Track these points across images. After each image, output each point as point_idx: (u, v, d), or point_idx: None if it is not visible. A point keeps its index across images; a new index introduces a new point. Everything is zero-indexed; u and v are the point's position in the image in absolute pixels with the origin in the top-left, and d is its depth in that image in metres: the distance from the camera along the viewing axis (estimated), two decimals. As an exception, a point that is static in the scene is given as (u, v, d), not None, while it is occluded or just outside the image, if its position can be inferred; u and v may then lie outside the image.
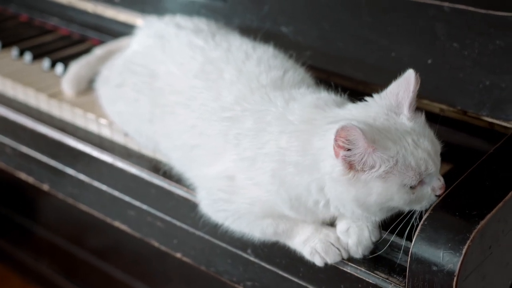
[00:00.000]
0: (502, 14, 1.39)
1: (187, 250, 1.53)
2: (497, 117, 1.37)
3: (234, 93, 1.35)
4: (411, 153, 1.15)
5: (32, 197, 2.61)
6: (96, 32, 2.10)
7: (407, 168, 1.15)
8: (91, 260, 2.53)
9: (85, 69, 1.83)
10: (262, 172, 1.25)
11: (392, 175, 1.14)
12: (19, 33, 2.20)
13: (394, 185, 1.15)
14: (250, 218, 1.31)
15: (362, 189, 1.15)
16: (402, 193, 1.16)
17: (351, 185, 1.15)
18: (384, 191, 1.15)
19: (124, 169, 1.58)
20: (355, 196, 1.16)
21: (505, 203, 1.16)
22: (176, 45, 1.53)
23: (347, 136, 1.10)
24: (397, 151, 1.14)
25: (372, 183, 1.14)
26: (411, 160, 1.15)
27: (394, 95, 1.21)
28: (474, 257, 1.12)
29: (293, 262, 1.33)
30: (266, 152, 1.25)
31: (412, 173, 1.15)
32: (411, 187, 1.16)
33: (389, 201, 1.16)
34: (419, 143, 1.17)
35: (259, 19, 1.72)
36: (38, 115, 1.80)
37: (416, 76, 1.20)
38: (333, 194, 1.19)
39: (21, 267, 2.84)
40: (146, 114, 1.50)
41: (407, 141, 1.16)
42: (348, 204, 1.18)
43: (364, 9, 1.56)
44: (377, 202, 1.16)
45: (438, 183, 1.19)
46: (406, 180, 1.15)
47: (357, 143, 1.11)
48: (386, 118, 1.19)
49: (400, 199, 1.16)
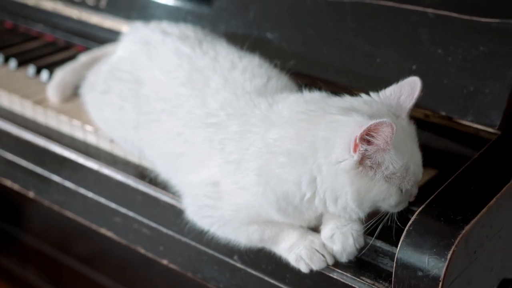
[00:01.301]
0: (486, 20, 1.40)
1: (174, 256, 1.53)
2: (481, 122, 1.38)
3: (220, 100, 1.36)
4: (411, 159, 1.21)
5: (18, 204, 2.59)
6: (81, 38, 2.09)
7: (407, 173, 1.20)
8: (78, 267, 2.52)
9: (70, 76, 1.82)
10: (247, 173, 1.26)
11: (395, 177, 1.19)
12: (3, 39, 2.19)
13: (394, 187, 1.20)
14: (236, 224, 1.31)
15: (366, 184, 1.18)
16: (398, 195, 1.21)
17: (358, 178, 1.17)
18: (385, 190, 1.19)
19: (110, 176, 1.58)
20: (358, 189, 1.18)
21: (489, 208, 1.17)
22: (162, 51, 1.53)
23: (378, 131, 1.13)
24: (402, 156, 1.19)
25: (376, 180, 1.18)
26: (411, 166, 1.20)
27: (396, 98, 1.26)
28: (459, 262, 1.13)
29: (279, 268, 1.33)
30: (251, 152, 1.26)
31: (410, 178, 1.21)
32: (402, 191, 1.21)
33: (385, 200, 1.20)
34: (415, 151, 1.23)
35: (244, 25, 1.72)
36: (23, 122, 1.79)
37: (421, 83, 1.25)
38: (329, 186, 1.20)
39: (8, 275, 2.83)
40: (131, 121, 1.49)
41: (408, 146, 1.21)
42: (344, 197, 1.19)
43: (348, 15, 1.56)
44: (375, 199, 1.20)
45: (415, 190, 1.25)
46: (404, 184, 1.21)
47: (382, 140, 1.14)
48: (384, 113, 1.23)
49: (393, 201, 1.21)
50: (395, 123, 1.14)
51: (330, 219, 1.26)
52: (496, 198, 1.19)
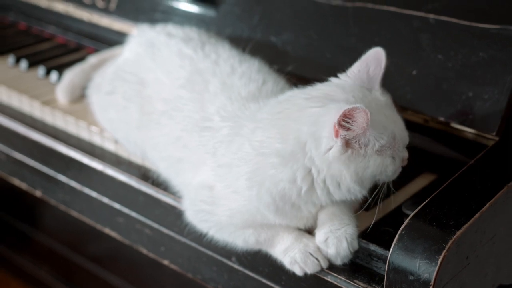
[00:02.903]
0: (485, 26, 1.41)
1: (174, 257, 1.54)
2: (479, 128, 1.38)
3: (216, 105, 1.37)
4: (396, 127, 1.24)
5: (32, 204, 2.63)
6: (91, 40, 2.12)
7: (395, 141, 1.23)
8: (89, 266, 2.55)
9: (79, 77, 1.84)
10: (238, 177, 1.27)
11: (385, 148, 1.22)
12: (16, 41, 2.22)
13: (388, 158, 1.23)
14: (232, 228, 1.32)
15: (361, 163, 1.20)
16: (393, 164, 1.24)
17: (351, 161, 1.20)
18: (380, 164, 1.22)
19: (114, 177, 1.60)
20: (355, 170, 1.20)
21: (482, 214, 1.17)
22: (166, 53, 1.55)
23: (354, 117, 1.15)
24: (385, 128, 1.21)
25: (369, 157, 1.20)
26: (396, 133, 1.23)
27: (365, 73, 1.28)
28: (450, 267, 1.13)
29: (276, 270, 1.34)
30: (240, 157, 1.27)
31: (399, 144, 1.24)
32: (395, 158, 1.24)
33: (382, 173, 1.23)
34: (396, 117, 1.26)
35: (249, 29, 1.73)
36: (31, 122, 1.82)
37: (385, 53, 1.27)
38: (327, 174, 1.22)
39: (21, 272, 2.86)
40: (134, 122, 1.51)
41: (388, 116, 1.24)
42: (344, 181, 1.22)
43: (351, 19, 1.57)
44: (373, 174, 1.22)
45: (406, 154, 1.28)
46: (395, 152, 1.24)
47: (360, 124, 1.16)
48: (363, 94, 1.25)
49: (390, 171, 1.24)
50: (370, 100, 1.21)
51: (325, 223, 1.27)
52: (490, 204, 1.19)
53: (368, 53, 1.29)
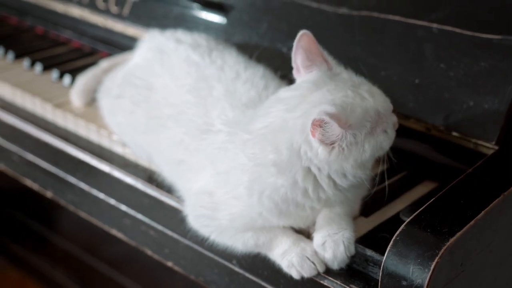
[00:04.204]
0: (487, 36, 1.42)
1: (178, 259, 1.57)
2: (479, 137, 1.39)
3: (218, 110, 1.40)
4: (376, 101, 1.25)
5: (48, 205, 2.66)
6: (105, 45, 2.16)
7: (379, 116, 1.25)
8: (103, 269, 2.58)
9: (92, 81, 1.88)
10: (237, 185, 1.29)
11: (374, 128, 1.24)
12: (33, 45, 2.27)
13: (380, 135, 1.25)
14: (232, 232, 1.34)
15: (357, 151, 1.23)
16: (386, 138, 1.27)
17: (347, 152, 1.22)
18: (374, 143, 1.25)
19: (120, 179, 1.63)
20: (354, 159, 1.23)
21: (477, 221, 1.18)
22: (174, 59, 1.58)
23: (323, 126, 1.18)
24: (366, 110, 1.23)
25: (363, 142, 1.23)
26: (378, 107, 1.25)
27: (309, 60, 1.30)
28: (443, 273, 1.14)
29: (275, 273, 1.35)
30: (237, 166, 1.29)
31: (385, 118, 1.26)
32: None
33: (379, 150, 1.27)
34: (372, 90, 1.28)
35: (258, 36, 1.76)
36: (44, 124, 1.86)
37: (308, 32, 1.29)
38: (331, 170, 1.24)
39: (38, 274, 2.90)
40: (141, 126, 1.54)
41: (364, 95, 1.25)
42: (348, 171, 1.25)
43: (356, 28, 1.59)
44: (372, 154, 1.25)
45: (394, 118, 1.30)
46: (384, 125, 1.26)
47: (333, 130, 1.19)
48: (335, 84, 1.27)
49: (386, 144, 1.28)
50: (342, 86, 1.24)
51: (323, 227, 1.29)
52: (485, 212, 1.19)
53: (296, 41, 1.31)
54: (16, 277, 2.97)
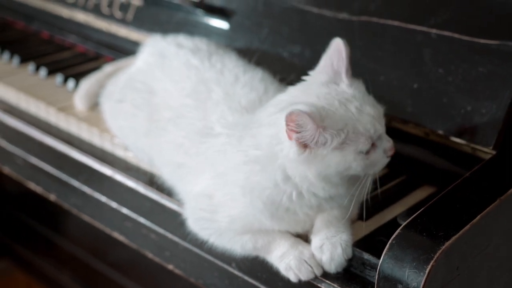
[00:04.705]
0: (486, 41, 1.43)
1: (178, 262, 1.58)
2: (477, 142, 1.39)
3: (217, 114, 1.41)
4: (358, 120, 1.22)
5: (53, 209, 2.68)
6: (110, 50, 2.17)
7: (357, 135, 1.21)
8: (110, 273, 2.59)
9: (95, 86, 1.89)
10: (233, 186, 1.31)
11: (346, 145, 1.21)
12: (38, 49, 2.29)
13: (350, 154, 1.21)
14: (231, 235, 1.36)
15: (321, 163, 1.21)
16: (359, 160, 1.22)
17: (310, 161, 1.21)
18: (342, 161, 1.21)
19: (122, 182, 1.64)
20: (316, 171, 1.22)
21: (473, 225, 1.19)
22: (175, 63, 1.59)
23: (296, 121, 1.17)
24: (345, 123, 1.21)
25: (329, 155, 1.21)
26: (359, 127, 1.21)
27: (329, 66, 1.29)
28: (439, 277, 1.15)
29: (273, 277, 1.36)
30: (232, 166, 1.31)
31: (364, 138, 1.22)
32: (365, 153, 1.22)
33: (348, 170, 1.22)
34: (363, 109, 1.23)
35: (259, 41, 1.77)
36: (47, 128, 1.87)
37: (344, 43, 1.27)
38: (298, 176, 1.24)
39: (45, 277, 2.92)
40: (143, 129, 1.56)
41: (351, 110, 1.22)
42: (314, 181, 1.24)
43: (356, 33, 1.60)
44: (337, 171, 1.22)
45: (388, 144, 1.26)
46: (360, 147, 1.22)
47: (306, 126, 1.17)
48: (328, 91, 1.25)
49: (357, 166, 1.22)
50: (334, 96, 1.23)
51: (321, 230, 1.30)
52: (481, 216, 1.20)
53: (330, 46, 1.30)
54: (22, 280, 2.99)
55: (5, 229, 3.04)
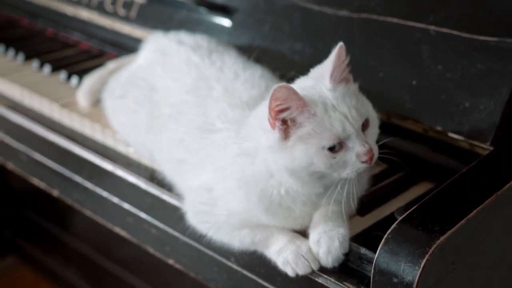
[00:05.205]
0: (484, 38, 1.43)
1: (178, 257, 1.59)
2: (474, 138, 1.40)
3: (217, 110, 1.42)
4: (328, 116, 1.21)
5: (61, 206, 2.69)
6: (113, 47, 2.19)
7: (322, 129, 1.21)
8: (116, 270, 2.61)
9: (98, 82, 1.91)
10: (231, 179, 1.32)
11: (310, 137, 1.21)
12: (43, 47, 2.31)
13: (313, 148, 1.21)
14: (229, 228, 1.37)
15: (288, 156, 1.22)
16: (322, 156, 1.21)
17: (280, 152, 1.23)
18: (305, 154, 1.21)
19: (123, 177, 1.66)
20: (284, 164, 1.23)
21: (469, 220, 1.19)
22: (175, 60, 1.61)
23: (282, 95, 1.18)
24: (315, 112, 1.21)
25: (294, 148, 1.22)
26: (326, 122, 1.21)
27: (324, 67, 1.29)
28: (434, 271, 1.15)
29: (271, 271, 1.37)
30: (231, 159, 1.33)
31: (328, 134, 1.21)
32: (332, 151, 1.22)
33: (311, 165, 1.22)
34: (336, 108, 1.23)
35: (260, 38, 1.78)
36: (50, 124, 1.89)
37: (340, 48, 1.26)
38: (276, 170, 1.26)
39: (51, 274, 2.94)
40: (144, 125, 1.57)
41: (325, 107, 1.22)
42: (285, 176, 1.25)
43: (356, 30, 1.61)
44: (301, 166, 1.22)
45: (362, 148, 1.22)
46: (323, 142, 1.21)
47: (291, 97, 1.19)
48: (313, 87, 1.26)
49: (320, 162, 1.21)
50: (314, 94, 1.23)
51: (319, 224, 1.31)
52: (477, 211, 1.21)
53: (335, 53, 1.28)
54: (29, 276, 3.02)
55: (12, 227, 3.07)
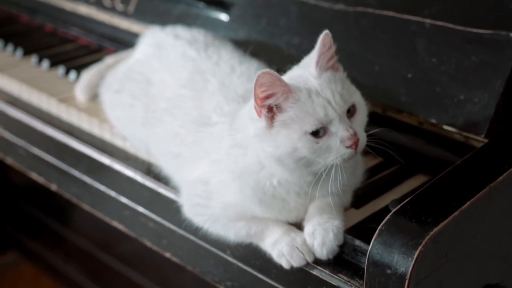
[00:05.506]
0: (478, 31, 1.43)
1: (175, 250, 1.60)
2: (469, 130, 1.40)
3: (213, 103, 1.43)
4: (311, 101, 1.22)
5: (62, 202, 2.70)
6: (112, 42, 2.20)
7: (305, 114, 1.22)
8: (116, 265, 2.62)
9: (96, 77, 1.92)
10: (226, 172, 1.33)
11: (293, 122, 1.22)
12: (41, 42, 2.31)
13: (296, 133, 1.22)
14: (224, 221, 1.37)
15: (273, 143, 1.23)
16: (305, 141, 1.22)
17: (266, 140, 1.24)
18: (288, 140, 1.22)
19: (120, 171, 1.66)
20: (270, 152, 1.24)
21: (462, 212, 1.20)
22: (172, 55, 1.61)
23: (266, 80, 1.20)
24: (299, 97, 1.22)
25: (279, 134, 1.23)
26: (309, 106, 1.22)
27: (311, 56, 1.31)
28: (427, 262, 1.16)
29: (266, 263, 1.38)
30: (225, 151, 1.33)
31: (310, 119, 1.22)
32: (315, 136, 1.22)
33: (295, 151, 1.22)
34: (320, 93, 1.24)
35: (257, 32, 1.78)
36: (49, 118, 1.90)
37: (324, 36, 1.28)
38: (264, 157, 1.26)
39: (52, 269, 2.95)
40: (140, 119, 1.58)
41: (308, 93, 1.23)
42: (273, 165, 1.26)
43: (352, 24, 1.61)
44: (286, 152, 1.23)
45: (345, 133, 1.22)
46: (306, 127, 1.22)
47: (275, 83, 1.21)
48: (301, 75, 1.28)
49: (303, 148, 1.22)
50: (299, 81, 1.25)
51: (314, 216, 1.31)
52: (470, 203, 1.21)
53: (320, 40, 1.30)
54: (30, 272, 3.03)
55: (13, 222, 3.08)
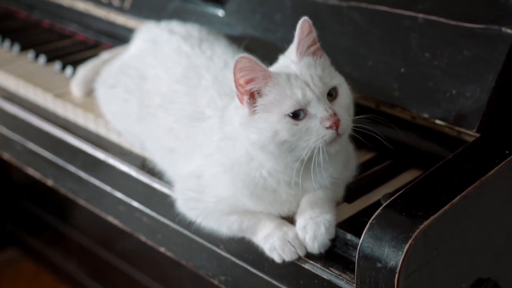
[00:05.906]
0: (471, 26, 1.44)
1: (170, 245, 1.60)
2: (461, 125, 1.41)
3: (207, 98, 1.43)
4: (290, 84, 1.24)
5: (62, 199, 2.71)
6: (109, 38, 2.20)
7: (283, 97, 1.23)
8: (116, 263, 2.63)
9: (92, 72, 1.92)
10: (217, 165, 1.34)
11: (272, 106, 1.24)
12: (38, 38, 2.32)
13: (275, 116, 1.23)
14: (217, 215, 1.38)
15: (255, 129, 1.25)
16: (284, 123, 1.23)
17: (249, 126, 1.25)
18: (268, 123, 1.23)
19: (115, 166, 1.67)
20: (253, 138, 1.25)
21: (453, 206, 1.20)
22: (166, 50, 1.62)
23: (245, 65, 1.22)
24: (278, 81, 1.24)
25: (260, 119, 1.24)
26: (287, 89, 1.23)
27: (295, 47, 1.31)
28: (417, 256, 1.16)
29: (259, 258, 1.38)
30: (217, 145, 1.34)
31: (289, 101, 1.23)
32: (296, 119, 1.23)
33: (276, 135, 1.23)
34: (299, 76, 1.25)
35: (251, 27, 1.79)
36: (45, 114, 1.91)
37: (303, 22, 1.30)
38: (249, 146, 1.28)
39: (52, 265, 2.96)
40: (134, 114, 1.58)
41: (288, 77, 1.25)
42: (258, 153, 1.27)
43: (346, 19, 1.61)
44: (267, 136, 1.24)
45: (324, 113, 1.23)
46: (284, 109, 1.23)
47: (255, 68, 1.23)
48: (284, 63, 1.30)
49: (283, 130, 1.23)
50: (283, 67, 1.27)
51: (306, 210, 1.32)
52: (461, 197, 1.21)
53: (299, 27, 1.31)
54: (30, 268, 3.04)
55: (13, 219, 3.09)
